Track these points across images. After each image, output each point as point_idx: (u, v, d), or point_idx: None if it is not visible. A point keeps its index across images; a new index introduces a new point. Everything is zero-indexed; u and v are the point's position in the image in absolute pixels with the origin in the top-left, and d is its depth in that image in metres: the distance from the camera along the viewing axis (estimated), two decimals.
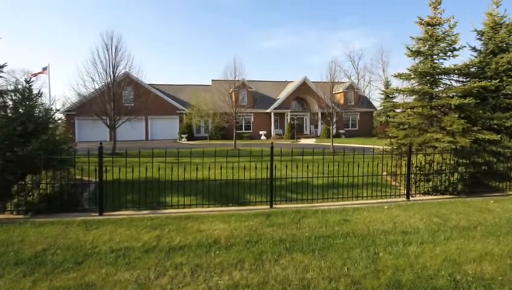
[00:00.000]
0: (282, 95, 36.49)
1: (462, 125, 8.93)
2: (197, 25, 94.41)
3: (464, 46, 10.18)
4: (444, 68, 9.99)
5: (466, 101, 8.95)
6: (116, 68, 17.57)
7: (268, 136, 35.31)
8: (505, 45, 9.98)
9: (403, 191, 8.12)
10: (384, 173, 9.22)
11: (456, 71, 10.06)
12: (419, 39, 10.43)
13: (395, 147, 10.45)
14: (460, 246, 4.68)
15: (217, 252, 4.42)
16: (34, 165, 6.62)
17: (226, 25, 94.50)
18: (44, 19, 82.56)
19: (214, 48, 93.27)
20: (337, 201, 7.52)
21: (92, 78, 17.34)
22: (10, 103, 7.68)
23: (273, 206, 7.01)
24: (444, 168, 8.22)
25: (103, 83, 17.48)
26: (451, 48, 10.00)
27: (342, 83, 36.10)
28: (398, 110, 13.61)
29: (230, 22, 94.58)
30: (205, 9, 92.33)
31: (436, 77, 10.22)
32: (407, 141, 9.90)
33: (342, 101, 35.38)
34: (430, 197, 8.10)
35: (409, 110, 10.76)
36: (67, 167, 7.10)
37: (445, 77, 10.48)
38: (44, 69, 28.44)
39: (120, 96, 18.46)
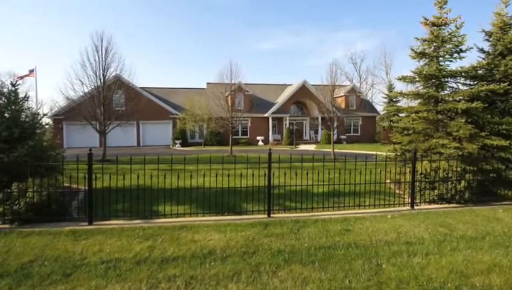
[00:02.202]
0: (281, 99, 36.63)
1: (469, 131, 9.00)
2: (193, 26, 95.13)
3: (471, 48, 10.23)
4: (450, 70, 10.07)
5: (473, 105, 9.02)
6: (107, 70, 17.56)
7: (266, 141, 35.35)
8: None
9: (407, 199, 8.18)
10: (388, 181, 9.28)
11: (463, 74, 10.13)
12: (424, 40, 10.53)
13: (399, 154, 10.51)
14: (468, 257, 4.73)
15: (212, 263, 4.44)
16: (21, 172, 6.63)
17: (222, 25, 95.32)
18: (34, 19, 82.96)
19: (209, 50, 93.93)
20: (338, 210, 7.56)
21: (81, 81, 17.28)
22: None
23: (271, 215, 7.05)
24: (450, 175, 8.29)
25: (93, 86, 17.45)
26: (457, 49, 10.08)
27: (343, 86, 36.33)
28: (402, 115, 13.76)
29: (227, 22, 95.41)
30: (201, 9, 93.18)
31: (442, 79, 10.28)
32: (411, 147, 9.97)
33: (343, 105, 35.55)
34: (435, 205, 8.16)
35: (413, 114, 10.80)
36: (55, 175, 7.10)
37: (452, 80, 10.54)
38: (31, 71, 28.50)
39: (110, 100, 18.46)
